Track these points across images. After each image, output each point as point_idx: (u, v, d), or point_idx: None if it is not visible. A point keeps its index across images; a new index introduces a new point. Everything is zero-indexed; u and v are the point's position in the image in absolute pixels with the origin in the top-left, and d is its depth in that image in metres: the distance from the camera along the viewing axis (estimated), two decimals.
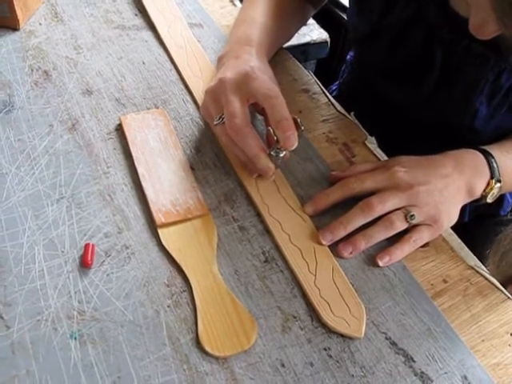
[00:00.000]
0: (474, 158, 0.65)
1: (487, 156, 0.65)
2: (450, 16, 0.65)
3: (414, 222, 0.59)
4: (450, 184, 0.62)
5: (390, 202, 0.59)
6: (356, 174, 0.63)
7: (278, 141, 0.59)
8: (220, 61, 0.68)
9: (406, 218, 0.59)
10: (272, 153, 0.60)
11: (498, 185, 0.64)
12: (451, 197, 0.61)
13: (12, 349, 0.49)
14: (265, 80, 0.61)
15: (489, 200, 0.65)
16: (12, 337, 0.50)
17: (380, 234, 0.59)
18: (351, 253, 0.58)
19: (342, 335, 0.52)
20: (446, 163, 0.63)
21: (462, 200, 0.63)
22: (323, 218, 0.61)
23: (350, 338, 0.52)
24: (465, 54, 0.67)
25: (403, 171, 0.61)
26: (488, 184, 0.64)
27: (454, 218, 0.62)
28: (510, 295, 0.58)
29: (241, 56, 0.65)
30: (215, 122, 0.62)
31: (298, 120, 0.61)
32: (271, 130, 0.59)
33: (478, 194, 0.64)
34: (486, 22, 0.52)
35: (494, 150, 0.66)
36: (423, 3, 0.68)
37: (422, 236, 0.60)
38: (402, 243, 0.59)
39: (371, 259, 0.59)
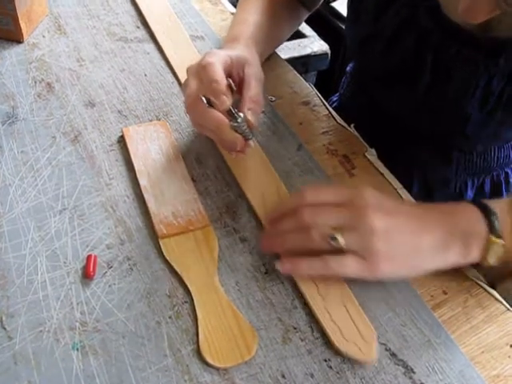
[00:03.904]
0: (469, 211, 0.56)
1: (484, 210, 0.55)
2: (441, 21, 0.66)
3: (336, 244, 0.52)
4: (425, 233, 0.54)
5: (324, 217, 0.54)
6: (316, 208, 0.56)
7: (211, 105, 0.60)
8: None
9: (327, 238, 0.52)
10: (232, 123, 0.59)
11: (500, 241, 0.54)
12: (423, 251, 0.54)
13: (14, 360, 0.49)
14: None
15: (490, 260, 0.55)
16: (14, 348, 0.50)
17: (294, 242, 0.55)
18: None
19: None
20: (431, 211, 0.56)
21: (438, 258, 0.54)
22: None
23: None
24: (455, 59, 0.68)
25: (378, 219, 0.53)
26: (488, 241, 0.54)
27: (406, 271, 0.54)
28: (509, 307, 0.58)
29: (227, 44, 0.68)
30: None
31: (232, 84, 0.61)
32: (204, 99, 0.60)
33: (474, 254, 0.55)
34: (477, 2, 0.51)
35: (493, 203, 0.57)
36: (415, 7, 0.68)
37: (344, 264, 0.52)
38: (313, 259, 0.54)
39: None
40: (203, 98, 0.59)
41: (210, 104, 0.60)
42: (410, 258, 0.54)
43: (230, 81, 0.61)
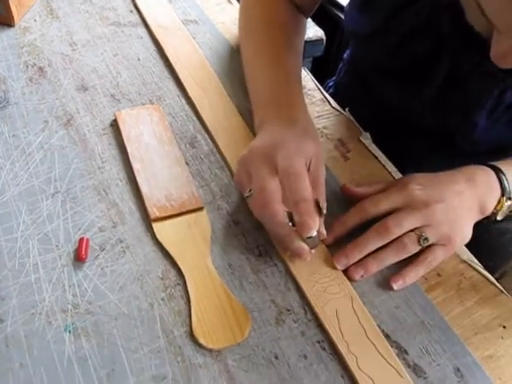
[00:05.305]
0: (485, 174, 0.63)
1: (498, 173, 0.63)
2: (463, 29, 0.63)
3: (427, 244, 0.57)
4: (464, 201, 0.60)
5: (406, 224, 0.57)
6: (370, 194, 0.61)
7: (294, 224, 0.54)
8: (259, 127, 0.65)
9: (419, 241, 0.57)
10: (304, 237, 0.54)
11: (509, 202, 0.62)
12: (465, 214, 0.60)
13: (6, 342, 0.49)
14: (291, 151, 0.56)
15: (499, 217, 0.63)
16: (6, 330, 0.50)
17: (392, 258, 0.57)
18: (362, 276, 0.57)
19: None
20: (459, 180, 0.61)
21: (474, 218, 0.61)
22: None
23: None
24: (473, 70, 0.66)
25: (418, 189, 0.59)
26: (499, 201, 0.62)
27: (467, 236, 0.60)
28: (502, 289, 0.58)
29: (278, 121, 0.62)
30: (246, 195, 0.57)
31: (320, 203, 0.55)
32: (286, 215, 0.54)
33: (489, 211, 0.62)
34: None
35: (504, 166, 0.64)
36: (438, 11, 0.65)
37: (436, 256, 0.58)
38: (417, 265, 0.57)
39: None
40: (286, 216, 0.54)
41: (291, 218, 0.54)
42: (465, 227, 0.60)
43: (319, 200, 0.55)
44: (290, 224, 0.54)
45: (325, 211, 0.55)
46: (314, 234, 0.53)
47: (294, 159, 0.56)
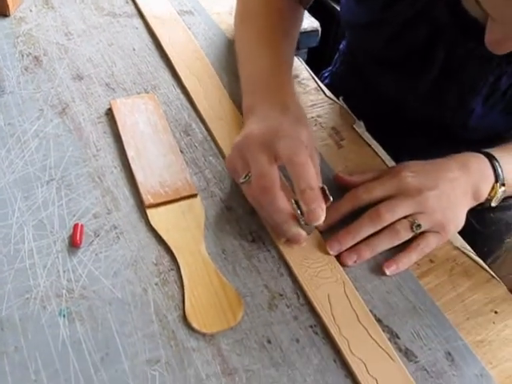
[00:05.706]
0: (479, 161, 0.63)
1: (492, 159, 0.63)
2: (459, 16, 0.63)
3: (420, 231, 0.58)
4: (457, 188, 0.60)
5: (399, 211, 0.58)
6: (363, 182, 0.61)
7: (302, 213, 0.53)
8: (248, 111, 0.64)
9: (412, 228, 0.57)
10: (302, 222, 0.54)
11: (503, 188, 0.63)
12: (458, 201, 0.60)
13: (1, 326, 0.49)
14: (293, 140, 0.56)
15: (493, 204, 0.64)
16: (1, 314, 0.50)
17: (385, 244, 0.58)
18: (355, 261, 0.57)
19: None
20: (452, 167, 0.61)
21: (468, 204, 0.62)
22: None
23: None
24: (468, 56, 0.66)
25: (411, 176, 0.60)
26: (493, 188, 0.62)
27: (460, 223, 0.61)
28: (494, 274, 0.58)
29: (270, 106, 0.62)
30: (241, 181, 0.57)
31: (326, 190, 0.54)
32: (293, 202, 0.54)
33: (483, 197, 0.63)
34: (507, 37, 0.50)
35: (497, 153, 0.64)
36: (434, 0, 0.65)
37: (429, 243, 0.58)
38: (410, 251, 0.58)
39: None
40: (293, 201, 0.54)
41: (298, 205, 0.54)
42: (458, 214, 0.61)
43: (325, 187, 0.55)
44: (299, 211, 0.53)
45: (331, 198, 0.54)
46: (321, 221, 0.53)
47: (297, 148, 0.55)
